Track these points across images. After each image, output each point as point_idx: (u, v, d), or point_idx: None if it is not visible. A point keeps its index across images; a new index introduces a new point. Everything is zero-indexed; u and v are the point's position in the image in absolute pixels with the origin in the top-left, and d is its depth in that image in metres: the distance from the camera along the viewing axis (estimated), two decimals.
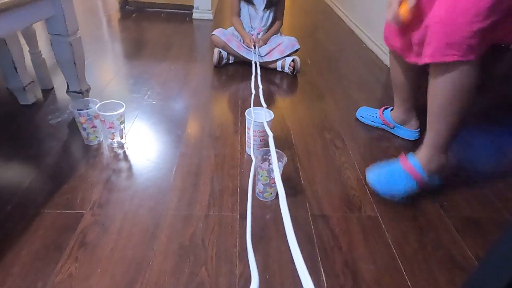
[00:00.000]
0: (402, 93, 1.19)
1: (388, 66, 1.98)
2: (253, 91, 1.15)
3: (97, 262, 0.73)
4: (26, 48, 1.34)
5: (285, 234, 0.83)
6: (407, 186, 0.94)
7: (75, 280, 0.69)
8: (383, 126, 1.30)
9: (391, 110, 1.27)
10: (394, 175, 0.95)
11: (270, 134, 0.80)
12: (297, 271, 0.76)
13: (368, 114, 1.35)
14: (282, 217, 0.88)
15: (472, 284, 0.52)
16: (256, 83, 1.31)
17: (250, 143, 1.07)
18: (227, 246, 0.80)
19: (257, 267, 0.75)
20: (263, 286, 0.71)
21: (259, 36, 1.81)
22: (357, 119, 1.38)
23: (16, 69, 1.21)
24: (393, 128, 1.26)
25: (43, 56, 1.41)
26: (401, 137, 1.27)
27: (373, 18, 2.30)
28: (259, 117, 1.09)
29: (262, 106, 1.10)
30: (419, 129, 1.24)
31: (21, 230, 0.79)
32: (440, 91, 0.85)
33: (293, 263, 0.76)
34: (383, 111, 1.29)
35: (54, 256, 0.74)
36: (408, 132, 1.26)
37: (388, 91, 1.70)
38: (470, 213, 0.95)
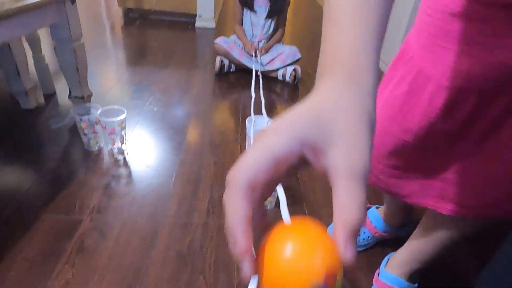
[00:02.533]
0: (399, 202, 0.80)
1: None
2: (253, 95, 1.15)
3: (95, 269, 0.73)
4: (29, 53, 1.35)
5: None
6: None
7: (72, 286, 0.69)
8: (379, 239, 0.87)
9: (378, 207, 0.88)
10: None
11: None
12: None
13: None
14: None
15: None
16: (257, 91, 1.31)
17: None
18: (226, 254, 0.79)
19: None
20: None
21: (260, 44, 1.83)
22: None
23: (19, 73, 1.22)
24: (393, 236, 0.85)
25: (46, 61, 1.42)
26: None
27: None
28: (259, 125, 1.09)
29: (262, 114, 1.10)
30: None
31: (19, 235, 0.79)
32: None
33: None
34: (369, 215, 0.86)
35: (51, 262, 0.74)
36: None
37: None
38: None
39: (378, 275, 0.73)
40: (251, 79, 1.46)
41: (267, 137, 0.20)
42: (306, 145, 0.20)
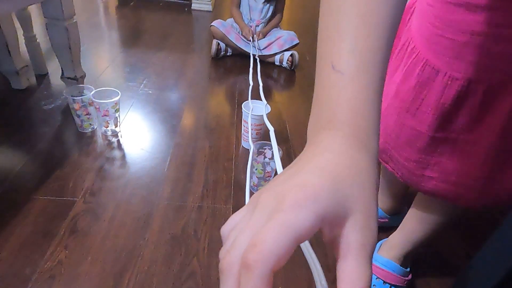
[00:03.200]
0: (399, 185, 0.83)
1: None
2: (251, 83, 1.14)
3: (88, 250, 0.73)
4: (20, 32, 1.32)
5: None
6: None
7: (65, 266, 0.69)
8: None
9: None
10: None
11: (271, 129, 0.79)
12: (291, 263, 0.76)
13: None
14: None
15: (464, 279, 0.52)
16: (255, 76, 1.30)
17: (246, 136, 1.07)
18: (220, 238, 0.79)
19: None
20: None
21: (258, 29, 1.80)
22: None
23: (9, 52, 1.19)
24: (387, 221, 0.89)
25: (38, 40, 1.38)
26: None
27: None
28: (256, 110, 1.08)
29: (260, 99, 1.09)
30: None
31: (11, 216, 0.78)
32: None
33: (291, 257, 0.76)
34: None
35: (44, 243, 0.73)
36: None
37: None
38: None
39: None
40: (248, 64, 1.44)
41: (288, 213, 0.18)
42: (327, 220, 0.19)
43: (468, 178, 0.51)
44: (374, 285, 0.70)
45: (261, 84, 1.19)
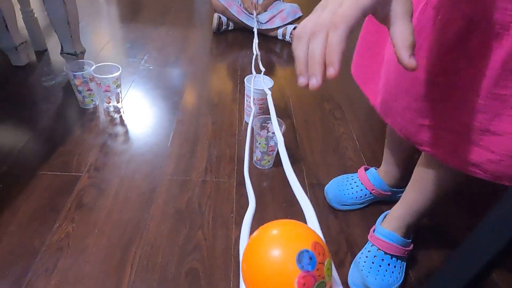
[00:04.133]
0: (402, 152, 0.80)
1: None
2: (255, 53, 1.11)
3: (94, 223, 0.74)
4: (17, 7, 1.29)
5: (283, 200, 0.83)
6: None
7: (72, 239, 0.70)
8: (376, 199, 0.86)
9: (377, 169, 0.87)
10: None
11: (269, 92, 0.78)
12: None
13: (345, 191, 0.84)
14: (279, 185, 0.88)
15: (462, 252, 0.52)
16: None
17: (249, 111, 1.06)
18: (224, 211, 0.80)
19: (253, 229, 0.76)
20: None
21: (260, 1, 1.75)
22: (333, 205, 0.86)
23: (7, 28, 1.17)
24: (390, 195, 0.85)
25: (35, 15, 1.36)
26: None
27: None
28: (258, 84, 1.06)
29: (262, 72, 1.07)
30: None
31: (17, 191, 0.79)
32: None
33: None
34: (367, 173, 0.85)
35: (51, 217, 0.74)
36: None
37: None
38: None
39: (374, 231, 0.74)
40: (250, 38, 1.41)
41: None
42: (380, 0, 0.31)
43: (462, 126, 0.49)
44: (375, 256, 0.71)
45: (258, 53, 1.16)
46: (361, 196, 0.83)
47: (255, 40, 1.11)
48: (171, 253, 0.70)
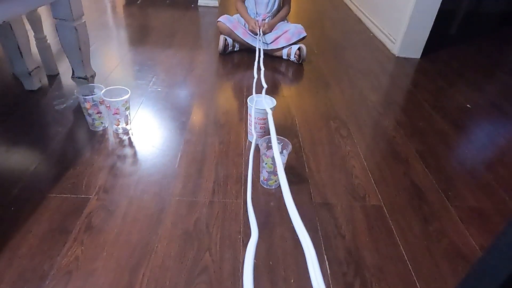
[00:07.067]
0: None
1: (396, 55, 1.96)
2: (255, 76, 1.13)
3: (103, 246, 0.74)
4: (31, 34, 1.34)
5: (290, 220, 0.83)
6: None
7: (81, 262, 0.70)
8: None
9: None
10: None
11: (272, 125, 0.79)
12: (300, 258, 0.76)
13: None
14: (286, 205, 0.88)
15: (474, 274, 0.52)
16: (258, 67, 1.29)
17: (251, 130, 1.07)
18: (231, 232, 0.80)
19: (261, 253, 0.76)
20: (267, 271, 0.72)
21: (266, 21, 1.79)
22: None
23: (21, 54, 1.21)
24: None
25: (48, 41, 1.41)
26: None
27: (380, 6, 2.26)
28: (261, 104, 1.08)
29: (265, 92, 1.09)
30: None
31: (28, 213, 0.80)
32: None
33: (297, 250, 0.76)
34: None
35: (61, 239, 0.75)
36: None
37: (395, 80, 1.68)
38: (474, 203, 0.95)
39: None
40: (255, 58, 1.44)
41: None
42: None
43: None
44: None
45: (263, 73, 1.17)
46: None
47: (257, 59, 1.14)
48: (179, 275, 0.70)
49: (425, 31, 1.88)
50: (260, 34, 1.71)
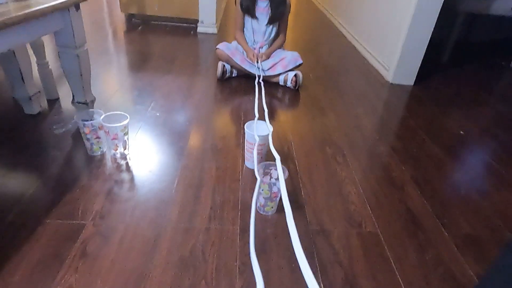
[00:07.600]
0: None
1: (390, 82, 2.01)
2: (256, 115, 1.15)
3: (98, 273, 0.74)
4: (33, 59, 1.37)
5: (286, 248, 0.83)
6: None
7: None
8: None
9: None
10: None
11: (276, 153, 0.81)
12: (296, 286, 0.76)
13: None
14: (283, 231, 0.88)
15: None
16: (259, 98, 1.32)
17: (248, 156, 1.08)
18: (228, 259, 0.80)
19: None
20: None
21: (262, 50, 1.84)
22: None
23: (23, 79, 1.24)
24: None
25: (50, 67, 1.44)
26: None
27: (374, 34, 2.34)
28: (259, 131, 1.10)
29: (264, 120, 1.11)
30: None
31: (23, 239, 0.80)
32: None
33: (294, 276, 0.76)
34: None
35: (55, 266, 0.74)
36: None
37: (389, 107, 1.72)
38: (470, 231, 0.95)
39: None
40: (253, 85, 1.47)
41: None
42: None
43: None
44: None
45: (265, 107, 1.21)
46: None
47: (257, 91, 1.17)
48: None
49: (417, 59, 1.94)
50: (258, 63, 1.76)
